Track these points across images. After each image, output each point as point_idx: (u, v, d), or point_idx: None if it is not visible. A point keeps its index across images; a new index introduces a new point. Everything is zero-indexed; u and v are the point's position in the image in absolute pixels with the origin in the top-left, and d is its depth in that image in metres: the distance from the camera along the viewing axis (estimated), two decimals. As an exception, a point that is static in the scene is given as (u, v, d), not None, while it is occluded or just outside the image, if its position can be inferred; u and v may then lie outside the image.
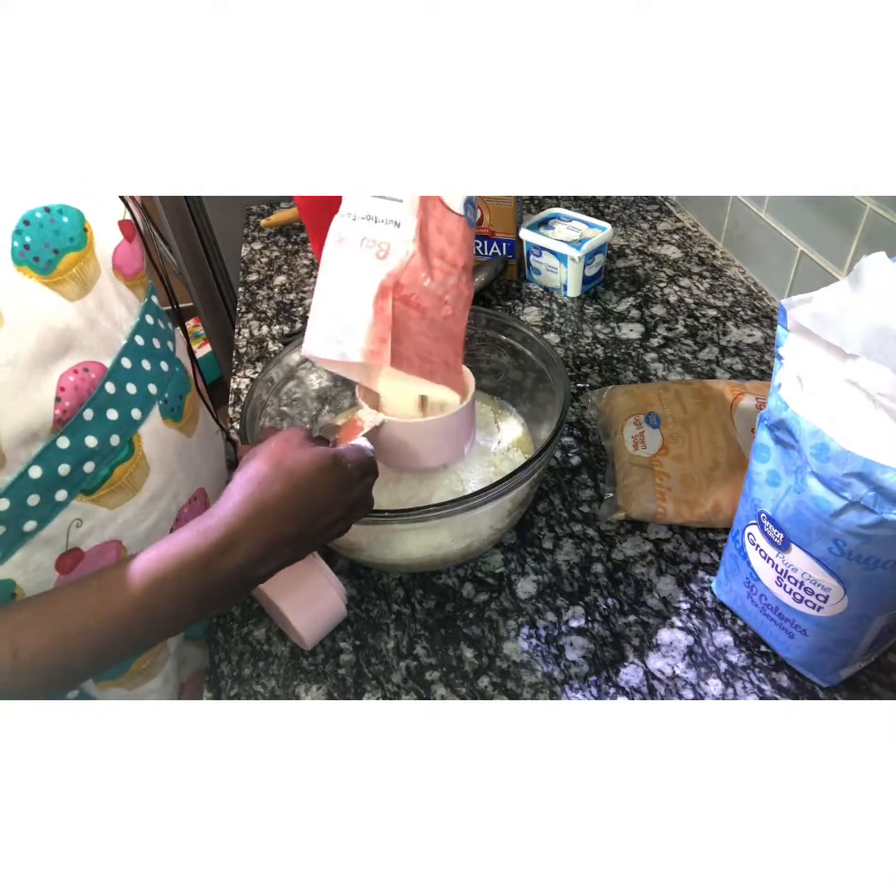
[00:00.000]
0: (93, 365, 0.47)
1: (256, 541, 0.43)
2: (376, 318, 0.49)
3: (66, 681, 0.44)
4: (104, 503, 0.49)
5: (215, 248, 1.58)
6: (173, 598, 0.42)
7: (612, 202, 1.25)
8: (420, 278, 0.49)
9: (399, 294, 0.49)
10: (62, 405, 0.44)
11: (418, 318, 0.51)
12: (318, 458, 0.46)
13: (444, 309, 0.52)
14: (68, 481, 0.46)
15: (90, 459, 0.47)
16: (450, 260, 0.51)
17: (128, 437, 0.50)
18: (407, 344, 0.50)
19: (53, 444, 0.44)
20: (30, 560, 0.46)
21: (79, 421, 0.46)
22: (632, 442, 0.72)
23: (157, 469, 0.53)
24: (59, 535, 0.47)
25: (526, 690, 0.57)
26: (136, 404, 0.51)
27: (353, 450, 0.48)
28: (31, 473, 0.44)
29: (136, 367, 0.51)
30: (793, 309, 0.45)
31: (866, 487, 0.41)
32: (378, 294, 0.48)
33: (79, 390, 0.45)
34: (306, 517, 0.45)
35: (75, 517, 0.48)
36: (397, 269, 0.49)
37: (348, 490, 0.47)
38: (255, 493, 0.44)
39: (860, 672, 0.55)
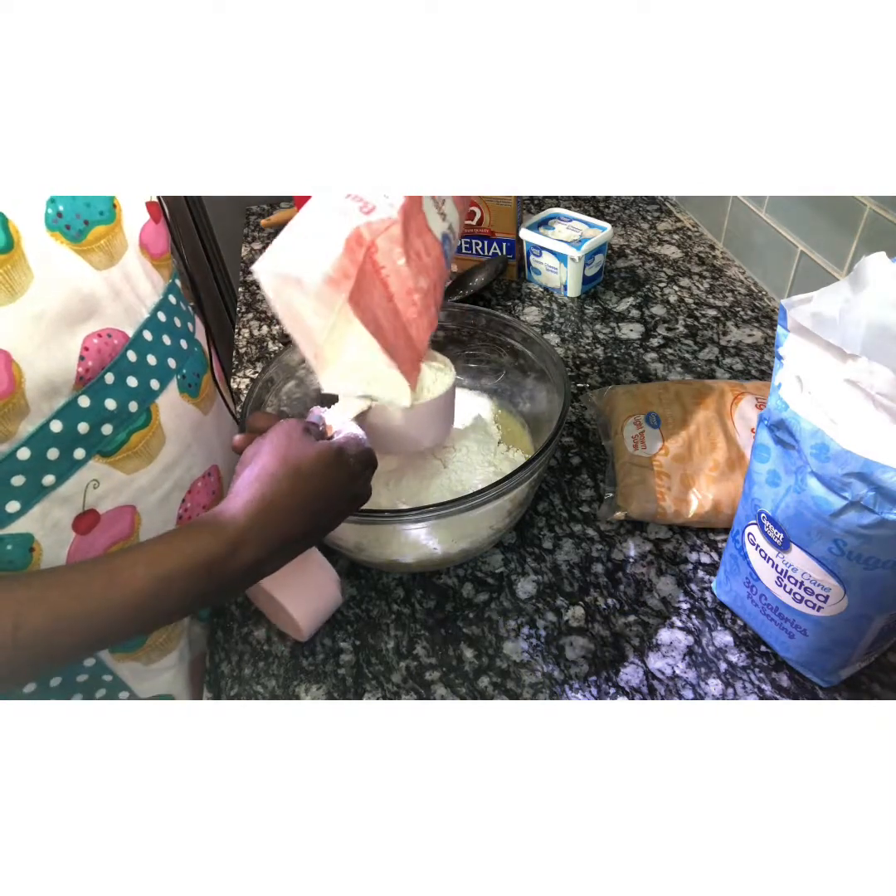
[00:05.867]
0: (116, 332, 0.49)
1: (265, 540, 0.43)
2: (346, 253, 0.45)
3: (64, 660, 0.44)
4: (121, 467, 0.51)
5: (215, 248, 1.58)
6: (178, 593, 0.42)
7: (612, 202, 1.25)
8: (395, 253, 0.47)
9: (371, 255, 0.46)
10: (85, 364, 0.47)
11: (383, 296, 0.48)
12: (322, 454, 0.46)
13: (410, 309, 0.50)
14: (87, 440, 0.48)
15: (109, 422, 0.49)
16: (425, 263, 0.50)
17: (146, 405, 0.53)
18: (367, 303, 0.47)
19: (74, 401, 0.47)
20: (48, 516, 0.47)
21: (100, 383, 0.48)
22: (632, 442, 0.72)
23: (172, 440, 0.55)
24: (76, 494, 0.49)
25: (526, 690, 0.57)
26: (155, 375, 0.53)
27: (353, 443, 0.48)
28: (51, 427, 0.45)
29: (156, 340, 0.54)
30: (793, 309, 0.45)
31: (866, 487, 0.41)
32: (353, 236, 0.45)
33: (101, 353, 0.48)
34: (313, 513, 0.46)
35: (92, 478, 0.49)
36: (377, 225, 0.46)
37: (351, 483, 0.48)
38: (265, 491, 0.44)
39: (860, 672, 0.56)
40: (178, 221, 1.51)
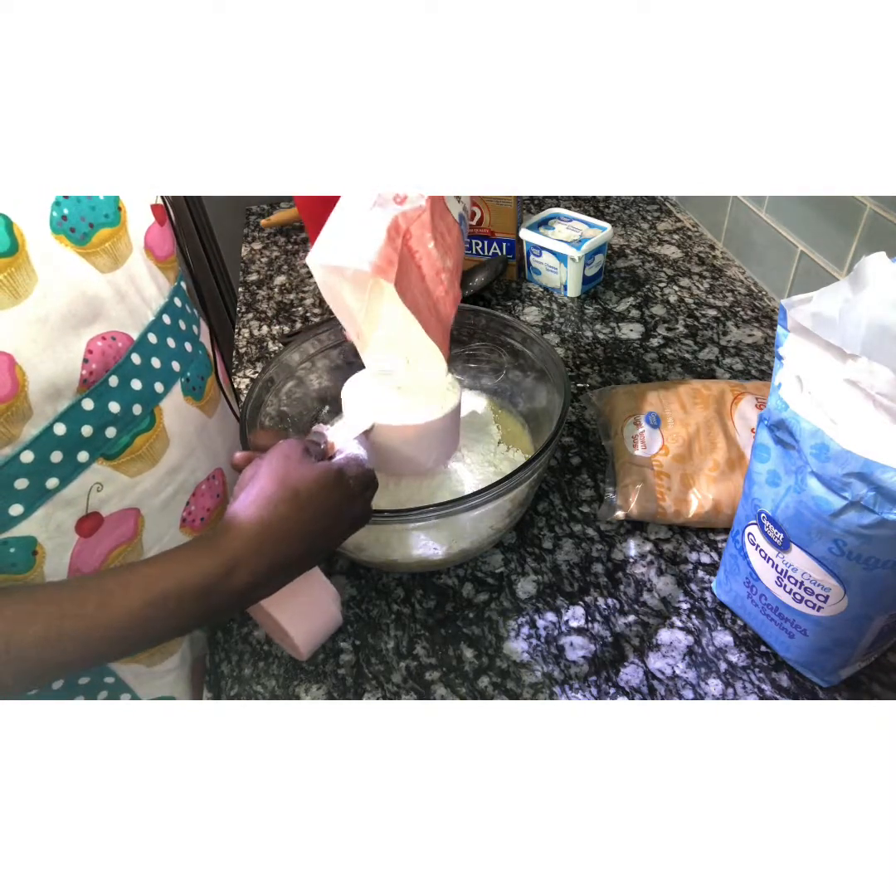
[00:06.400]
0: (120, 335, 0.49)
1: (261, 564, 0.43)
2: (388, 241, 0.49)
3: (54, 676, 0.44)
4: (124, 470, 0.51)
5: (215, 248, 1.58)
6: (172, 614, 0.42)
7: (612, 202, 1.25)
8: (426, 238, 0.51)
9: (407, 242, 0.50)
10: (89, 367, 0.46)
11: (418, 278, 0.51)
12: (321, 476, 0.46)
13: (438, 288, 0.53)
14: (90, 443, 0.48)
15: (112, 425, 0.49)
16: (448, 244, 0.52)
17: (150, 408, 0.53)
18: (407, 285, 0.51)
19: (78, 404, 0.46)
20: (51, 519, 0.47)
21: (104, 386, 0.48)
22: (632, 442, 0.72)
23: (176, 443, 0.55)
24: (79, 497, 0.48)
25: (526, 690, 0.57)
26: (159, 378, 0.53)
27: (353, 464, 0.48)
28: (55, 430, 0.45)
29: (161, 343, 0.54)
30: (793, 309, 0.45)
31: (866, 487, 0.41)
32: (392, 225, 0.49)
33: (105, 356, 0.48)
34: (311, 537, 0.45)
35: (96, 481, 0.49)
36: (410, 214, 0.50)
37: (351, 505, 0.47)
38: (263, 515, 0.43)
39: (860, 672, 0.56)
40: (179, 222, 1.51)
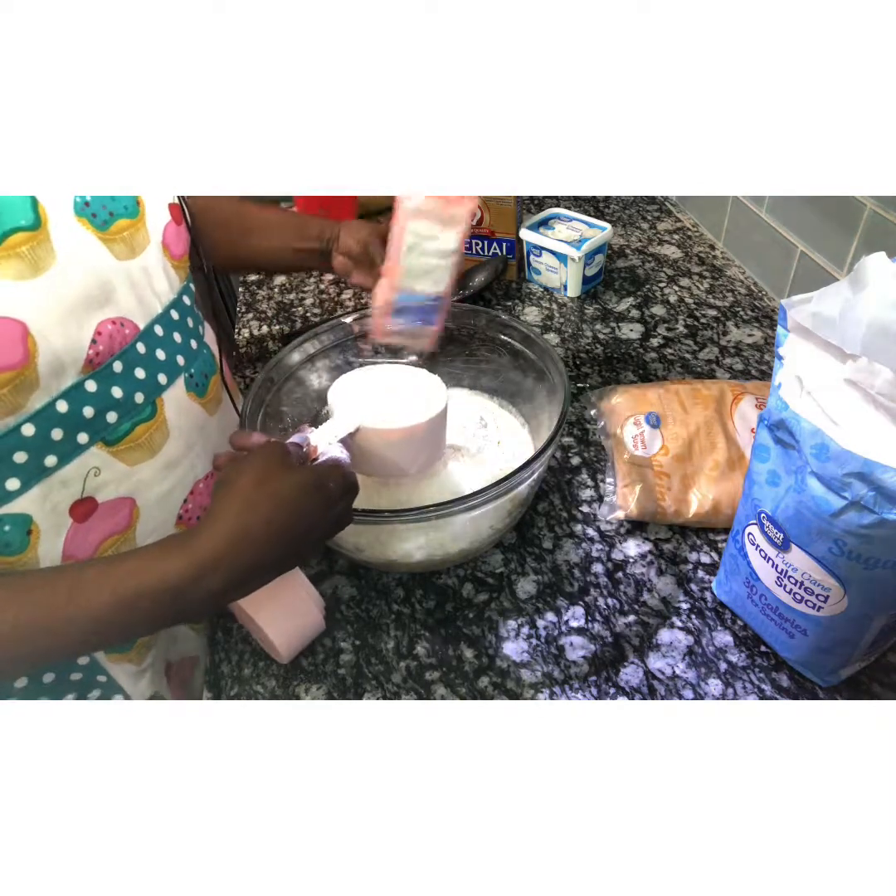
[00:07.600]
0: (128, 322, 0.51)
1: (239, 566, 0.43)
2: None
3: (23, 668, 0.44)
4: (123, 458, 0.52)
5: (215, 248, 1.57)
6: (141, 614, 0.42)
7: (612, 202, 1.25)
8: None
9: None
10: (96, 347, 0.48)
11: None
12: (302, 480, 0.45)
13: None
14: (91, 425, 0.49)
15: (114, 410, 0.50)
16: None
17: (152, 398, 0.53)
18: None
19: (82, 383, 0.47)
20: (47, 498, 0.47)
21: (108, 370, 0.49)
22: (632, 442, 0.72)
23: (176, 436, 0.56)
24: (76, 479, 0.49)
25: (526, 690, 0.57)
26: (163, 370, 0.54)
27: (334, 468, 0.48)
28: (58, 406, 0.46)
29: (167, 336, 0.55)
30: (793, 309, 0.45)
31: (866, 487, 0.41)
32: None
33: (112, 340, 0.49)
34: (289, 539, 0.45)
35: (94, 465, 0.50)
36: None
37: (330, 510, 0.47)
38: (240, 517, 0.43)
39: (860, 672, 0.55)
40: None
